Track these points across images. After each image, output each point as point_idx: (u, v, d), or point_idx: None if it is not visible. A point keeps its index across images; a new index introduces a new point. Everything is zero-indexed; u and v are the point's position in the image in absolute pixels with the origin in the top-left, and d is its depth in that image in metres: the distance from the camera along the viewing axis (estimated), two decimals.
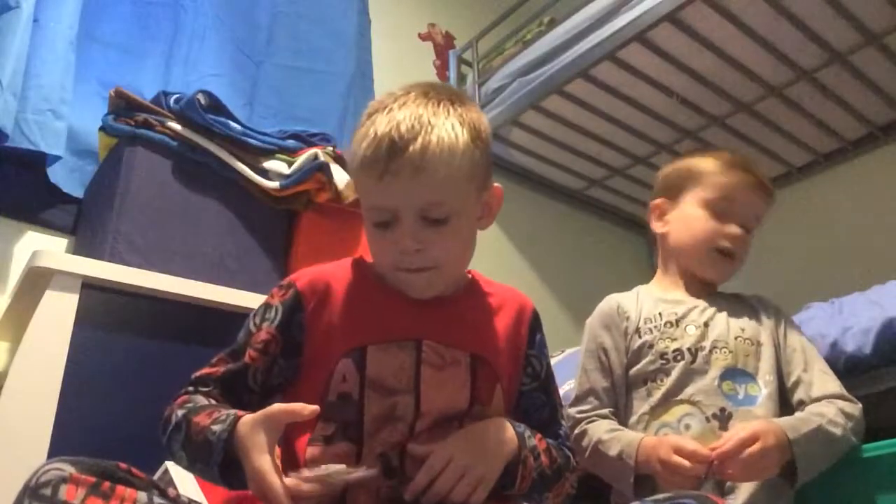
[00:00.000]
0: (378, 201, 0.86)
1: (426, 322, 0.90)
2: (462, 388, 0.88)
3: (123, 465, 0.73)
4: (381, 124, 0.85)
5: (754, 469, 0.99)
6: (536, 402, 0.96)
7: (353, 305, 0.91)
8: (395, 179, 0.83)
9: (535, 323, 0.99)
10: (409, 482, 0.81)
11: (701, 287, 1.26)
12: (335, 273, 0.94)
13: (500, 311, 0.96)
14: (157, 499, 0.72)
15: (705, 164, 1.27)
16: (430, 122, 0.84)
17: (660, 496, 0.78)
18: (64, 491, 0.68)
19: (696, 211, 1.24)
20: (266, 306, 0.92)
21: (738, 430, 1.01)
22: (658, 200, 1.31)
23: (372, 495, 0.81)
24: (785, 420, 1.05)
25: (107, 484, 0.70)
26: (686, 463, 0.99)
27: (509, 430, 0.86)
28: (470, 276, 1.00)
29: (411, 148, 0.82)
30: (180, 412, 0.83)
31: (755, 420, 1.05)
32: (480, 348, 0.91)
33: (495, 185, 0.95)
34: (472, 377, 0.89)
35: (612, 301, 1.27)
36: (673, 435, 1.08)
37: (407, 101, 0.87)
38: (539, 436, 0.90)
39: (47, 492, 0.68)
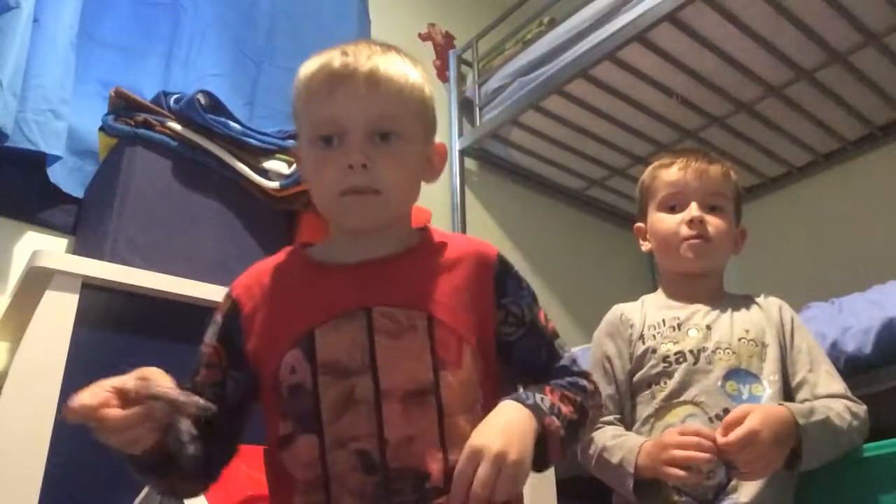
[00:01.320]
0: (326, 114, 0.84)
1: (373, 287, 0.84)
2: (422, 356, 0.80)
3: None
4: (329, 51, 0.85)
5: (760, 463, 0.99)
6: (531, 347, 0.88)
7: (292, 292, 0.86)
8: (347, 90, 0.82)
9: (503, 268, 0.89)
10: (392, 476, 0.76)
11: (703, 290, 1.26)
12: (269, 266, 0.91)
13: (457, 264, 0.88)
14: None
15: (649, 173, 1.33)
16: (382, 53, 0.85)
17: None
18: None
19: (656, 217, 1.28)
20: (212, 322, 0.89)
21: (735, 417, 0.99)
22: (637, 224, 1.35)
23: (356, 495, 0.76)
24: (795, 406, 1.05)
25: None
26: (694, 438, 0.99)
27: (521, 408, 0.77)
28: (423, 231, 0.92)
29: (365, 63, 0.83)
30: None
31: (756, 409, 1.04)
32: (436, 307, 0.83)
33: (438, 142, 0.93)
34: (431, 342, 0.81)
35: (616, 310, 1.29)
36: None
37: (356, 41, 0.87)
38: (548, 388, 0.82)
39: None
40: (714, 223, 1.23)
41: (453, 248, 0.90)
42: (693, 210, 1.23)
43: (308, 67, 0.86)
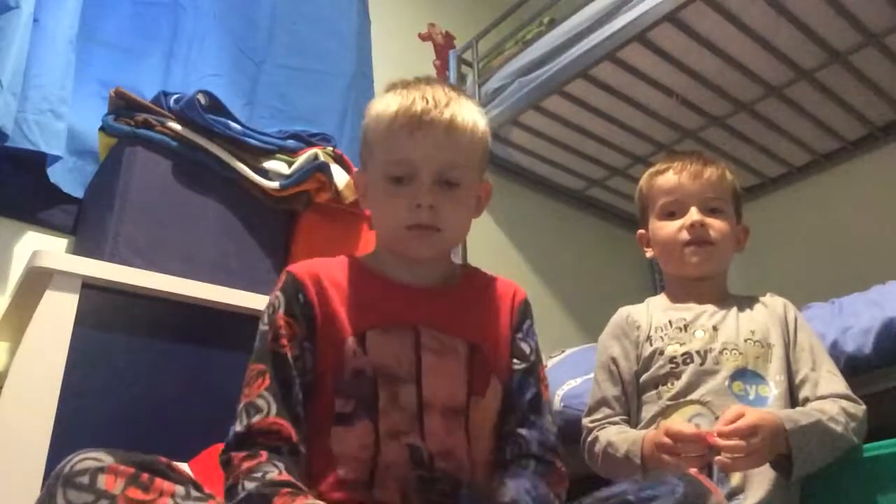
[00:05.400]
0: (403, 155, 0.90)
1: (423, 310, 0.92)
2: (460, 378, 0.89)
3: (163, 459, 0.74)
4: (409, 91, 0.92)
5: (748, 460, 0.99)
6: (523, 383, 0.95)
7: (351, 293, 0.92)
8: (426, 136, 0.89)
9: (525, 309, 0.99)
10: (436, 475, 0.84)
11: (708, 292, 1.26)
12: (329, 264, 0.97)
13: (495, 301, 0.98)
14: (193, 492, 0.73)
15: (645, 181, 1.33)
16: (456, 99, 0.93)
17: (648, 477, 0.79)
18: (103, 480, 0.69)
19: (656, 224, 1.28)
20: (268, 304, 0.92)
21: (736, 413, 1.00)
22: (639, 231, 1.35)
23: (400, 482, 0.83)
24: (784, 412, 1.05)
25: (145, 475, 0.71)
26: (669, 441, 0.99)
27: None
28: (466, 267, 1.04)
29: (445, 112, 0.90)
30: (250, 484, 0.76)
31: (754, 408, 1.05)
32: (476, 337, 0.93)
33: (486, 181, 1.02)
34: (469, 367, 0.90)
35: (622, 312, 1.29)
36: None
37: (430, 82, 0.94)
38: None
39: (84, 480, 0.69)
40: (715, 226, 1.23)
41: (493, 287, 1.00)
42: (693, 215, 1.23)
43: (388, 105, 0.92)
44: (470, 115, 0.93)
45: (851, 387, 1.14)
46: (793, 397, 1.13)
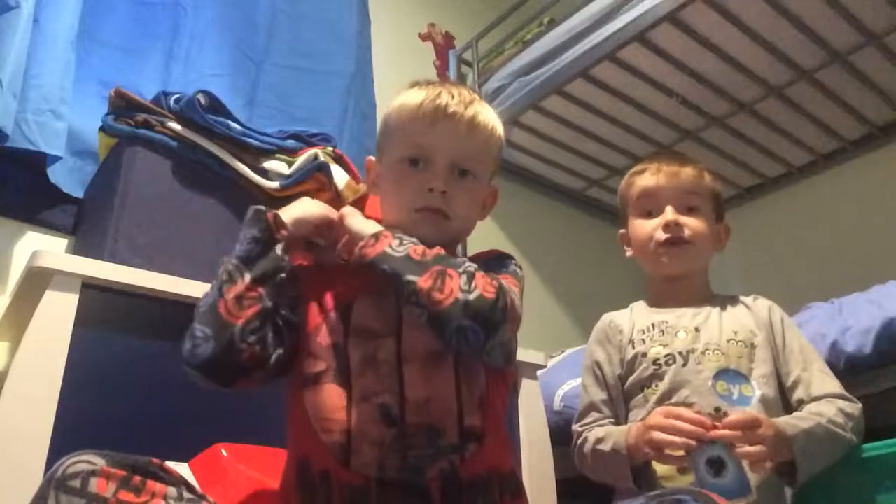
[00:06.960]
0: (423, 140, 0.95)
1: None
2: None
3: (156, 461, 0.75)
4: (435, 87, 0.98)
5: (753, 449, 0.98)
6: None
7: (339, 267, 0.95)
8: (448, 126, 0.94)
9: (496, 254, 1.00)
10: (410, 430, 0.83)
11: (688, 291, 1.26)
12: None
13: (478, 261, 0.97)
14: (186, 494, 0.74)
15: (625, 181, 1.36)
16: (479, 101, 0.99)
17: (653, 493, 0.78)
18: (94, 484, 0.69)
19: (634, 223, 1.31)
20: None
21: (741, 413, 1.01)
22: (620, 231, 1.37)
23: (376, 445, 0.83)
24: (783, 419, 1.06)
25: (137, 478, 0.71)
26: (679, 423, 0.99)
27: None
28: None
29: (469, 110, 0.96)
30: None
31: (756, 411, 1.05)
32: None
33: (493, 185, 1.05)
34: None
35: (605, 318, 1.32)
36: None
37: (455, 83, 1.01)
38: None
39: (76, 484, 0.69)
40: (691, 225, 1.24)
41: (480, 256, 1.00)
42: (668, 214, 1.24)
43: (413, 97, 0.97)
44: (491, 117, 0.99)
45: (852, 387, 1.14)
46: (784, 399, 1.14)
